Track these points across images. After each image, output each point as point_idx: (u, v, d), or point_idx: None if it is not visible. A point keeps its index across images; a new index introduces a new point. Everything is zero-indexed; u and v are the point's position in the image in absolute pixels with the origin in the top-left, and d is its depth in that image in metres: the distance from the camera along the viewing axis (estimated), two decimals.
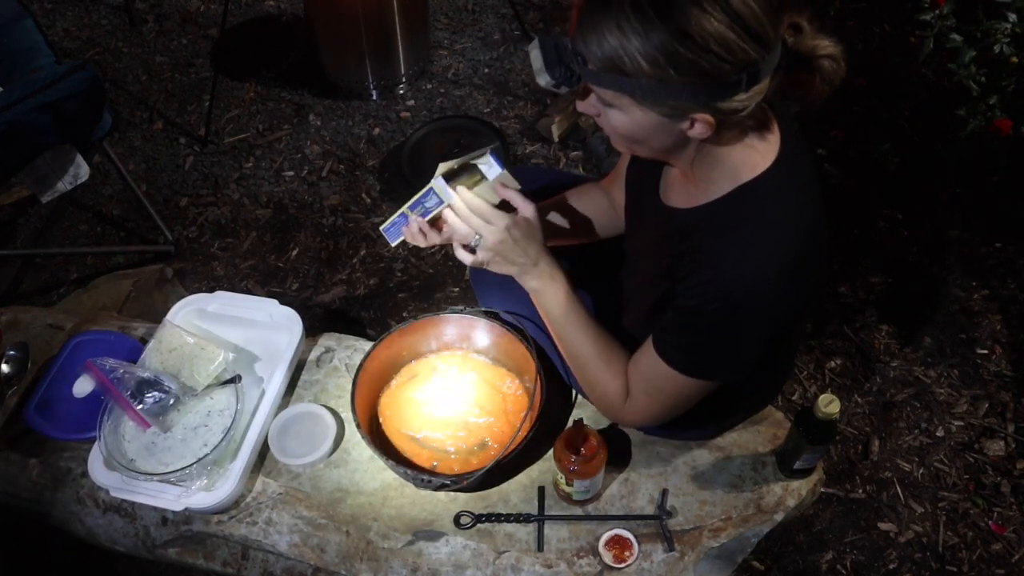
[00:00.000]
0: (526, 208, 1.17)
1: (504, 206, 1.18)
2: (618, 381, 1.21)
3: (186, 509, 1.32)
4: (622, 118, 0.98)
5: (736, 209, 1.04)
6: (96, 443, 1.34)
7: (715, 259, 1.02)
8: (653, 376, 1.15)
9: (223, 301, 1.56)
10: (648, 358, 1.14)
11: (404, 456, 1.37)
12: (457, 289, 2.21)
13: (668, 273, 1.11)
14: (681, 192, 1.13)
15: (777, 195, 1.03)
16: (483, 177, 1.19)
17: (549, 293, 1.20)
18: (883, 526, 1.78)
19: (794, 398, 1.98)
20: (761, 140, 1.04)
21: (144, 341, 1.53)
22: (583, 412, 1.46)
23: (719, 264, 1.01)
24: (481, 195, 1.16)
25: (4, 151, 1.78)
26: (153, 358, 1.43)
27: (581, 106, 1.02)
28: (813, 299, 1.13)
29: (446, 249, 2.28)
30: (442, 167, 1.16)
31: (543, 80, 0.98)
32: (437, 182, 1.15)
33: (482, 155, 1.19)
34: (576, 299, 1.22)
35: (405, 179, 2.41)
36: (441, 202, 1.17)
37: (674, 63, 0.89)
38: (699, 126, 0.96)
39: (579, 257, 1.43)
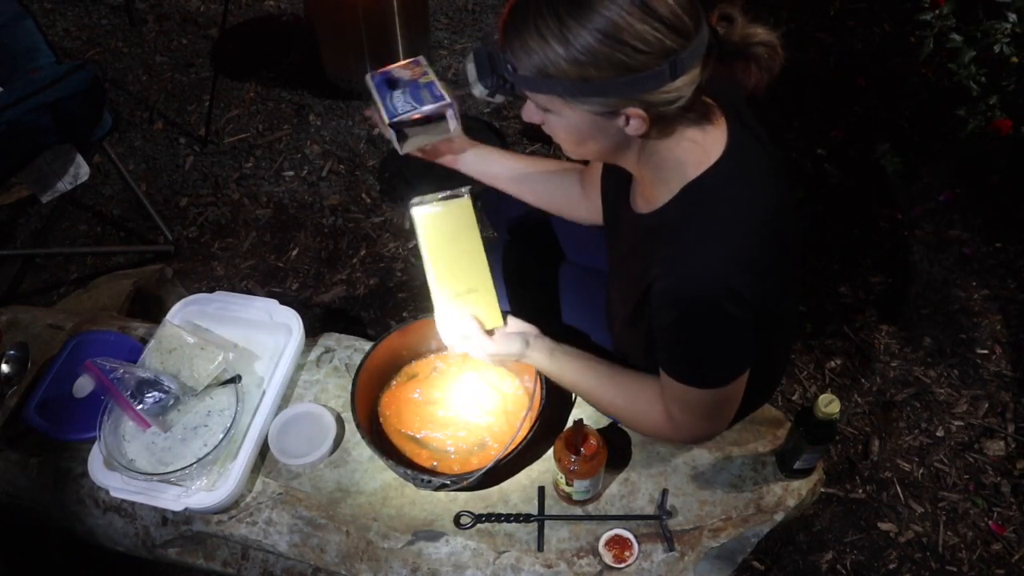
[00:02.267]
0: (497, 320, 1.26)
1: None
2: (655, 409, 1.20)
3: (186, 509, 1.32)
4: (559, 121, 1.00)
5: (686, 209, 1.04)
6: (96, 443, 1.34)
7: (671, 265, 1.02)
8: (678, 396, 1.15)
9: (223, 301, 1.55)
10: (665, 380, 1.15)
11: (404, 456, 1.37)
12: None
13: (639, 282, 1.11)
14: (644, 197, 1.14)
15: (726, 190, 1.02)
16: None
17: (552, 367, 1.26)
18: (883, 526, 1.78)
19: (794, 398, 1.98)
20: (706, 135, 1.04)
21: (144, 341, 1.53)
22: (583, 412, 1.46)
23: (674, 270, 1.02)
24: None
25: (4, 151, 1.78)
26: (153, 358, 1.43)
27: (525, 115, 1.04)
28: (788, 289, 1.13)
29: None
30: (416, 206, 1.25)
31: (477, 90, 1.00)
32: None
33: (459, 196, 1.28)
34: (579, 356, 1.26)
35: (405, 179, 2.41)
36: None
37: (593, 60, 0.91)
38: (634, 121, 0.97)
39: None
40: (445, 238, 1.27)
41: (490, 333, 1.26)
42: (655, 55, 0.91)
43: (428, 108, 1.27)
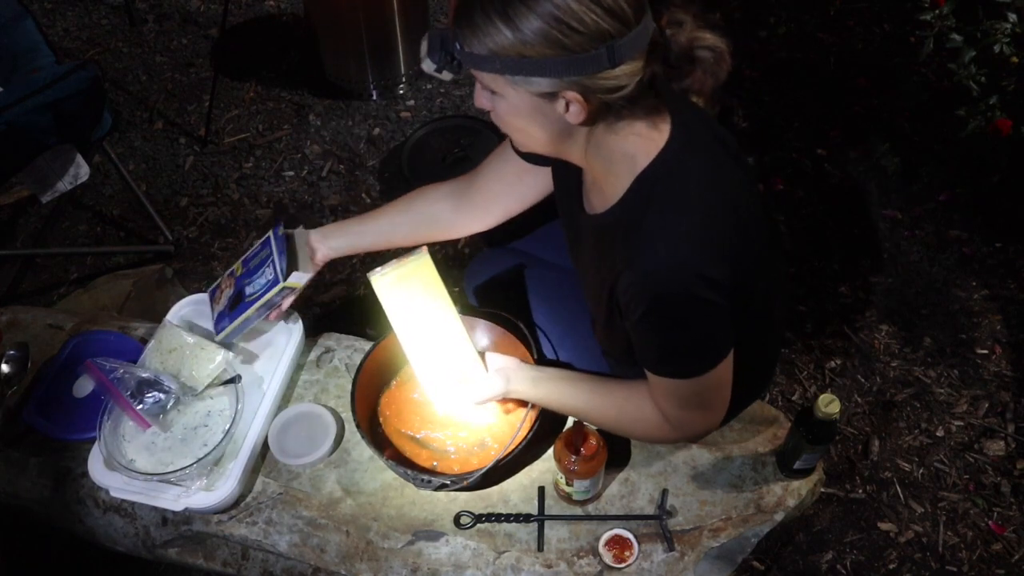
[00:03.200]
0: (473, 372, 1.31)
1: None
2: (647, 411, 1.20)
3: (186, 509, 1.32)
4: (503, 104, 1.02)
5: (640, 201, 1.04)
6: (96, 443, 1.34)
7: (632, 260, 1.03)
8: (666, 391, 1.15)
9: None
10: (651, 378, 1.15)
11: (404, 456, 1.37)
12: (457, 289, 2.20)
13: (604, 282, 1.12)
14: (596, 197, 1.14)
15: (677, 174, 1.03)
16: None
17: (538, 394, 1.30)
18: (883, 526, 1.78)
19: (794, 398, 1.98)
20: (654, 130, 1.04)
21: (144, 341, 1.53)
22: None
23: (634, 265, 1.03)
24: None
25: (4, 151, 1.78)
26: (153, 358, 1.43)
27: (476, 101, 1.06)
28: (760, 269, 1.13)
29: (446, 249, 2.29)
30: (376, 276, 1.28)
31: (426, 66, 1.02)
32: (295, 278, 1.35)
33: (418, 252, 1.31)
34: (563, 377, 1.29)
35: (405, 179, 2.41)
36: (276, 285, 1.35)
37: (532, 39, 0.92)
38: (573, 107, 0.98)
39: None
40: (410, 300, 1.30)
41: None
42: (591, 37, 0.92)
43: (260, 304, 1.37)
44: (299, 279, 1.37)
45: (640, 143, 1.04)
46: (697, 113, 1.10)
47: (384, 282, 1.28)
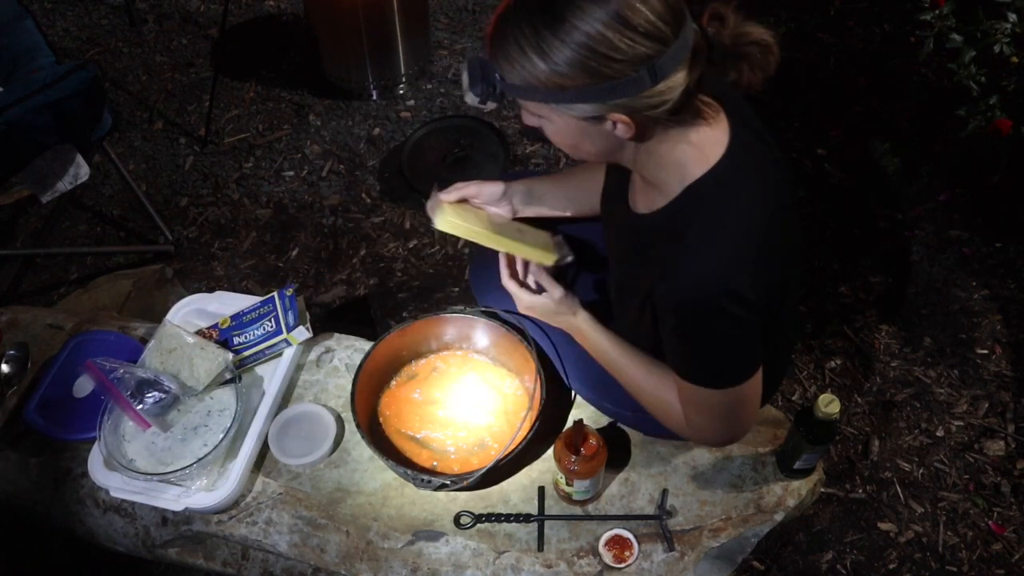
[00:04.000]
0: (554, 290, 1.27)
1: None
2: (672, 402, 1.20)
3: (186, 509, 1.32)
4: (551, 126, 1.03)
5: (686, 211, 1.04)
6: (96, 443, 1.34)
7: (673, 269, 1.03)
8: (691, 397, 1.15)
9: (223, 301, 1.56)
10: (678, 382, 1.15)
11: (404, 456, 1.37)
12: (457, 289, 2.21)
13: (641, 283, 1.11)
14: (643, 197, 1.13)
15: (727, 191, 1.02)
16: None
17: (587, 338, 1.28)
18: (883, 526, 1.78)
19: (794, 398, 1.98)
20: (705, 136, 1.03)
21: (144, 341, 1.53)
22: (583, 412, 1.46)
23: (676, 274, 1.02)
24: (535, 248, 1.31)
25: (4, 151, 1.78)
26: (153, 358, 1.43)
27: (524, 119, 1.06)
28: (788, 290, 1.13)
29: (446, 249, 2.29)
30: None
31: (469, 98, 1.03)
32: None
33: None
34: (614, 337, 1.26)
35: (405, 179, 2.41)
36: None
37: (569, 70, 0.93)
38: (620, 126, 0.98)
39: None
40: (475, 220, 1.33)
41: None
42: (630, 63, 0.91)
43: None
44: (300, 335, 1.46)
45: (691, 152, 1.03)
46: (755, 127, 1.09)
47: (445, 218, 1.30)
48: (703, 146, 1.03)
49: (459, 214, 1.32)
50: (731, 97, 1.08)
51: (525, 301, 1.30)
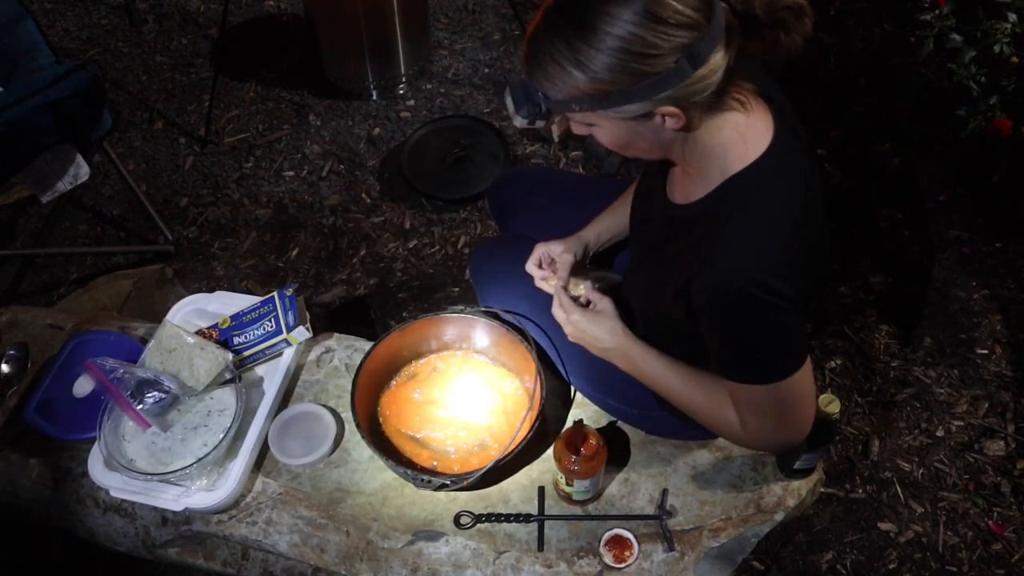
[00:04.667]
0: (601, 303, 1.28)
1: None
2: (726, 409, 1.17)
3: (186, 509, 1.32)
4: (601, 132, 1.04)
5: (725, 204, 1.04)
6: (96, 443, 1.34)
7: (710, 262, 1.02)
8: (740, 397, 1.13)
9: (223, 301, 1.56)
10: (727, 383, 1.13)
11: (404, 456, 1.37)
12: (457, 289, 2.21)
13: (674, 276, 1.10)
14: (682, 187, 1.13)
15: (765, 186, 1.02)
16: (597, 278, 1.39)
17: (632, 362, 1.25)
18: (883, 526, 1.78)
19: None
20: (748, 121, 1.04)
21: (144, 341, 1.53)
22: (583, 412, 1.46)
23: (713, 267, 1.01)
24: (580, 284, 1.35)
25: (4, 151, 1.78)
26: (153, 358, 1.43)
27: (575, 129, 1.07)
28: (814, 287, 1.12)
29: (446, 249, 2.29)
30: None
31: (518, 121, 1.05)
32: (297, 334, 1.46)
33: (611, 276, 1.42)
34: (656, 354, 1.23)
35: (405, 179, 2.41)
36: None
37: (609, 76, 0.94)
38: (669, 120, 0.99)
39: None
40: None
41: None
42: (668, 55, 0.92)
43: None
44: (300, 335, 1.46)
45: (734, 139, 1.03)
46: (792, 123, 1.09)
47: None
48: (746, 137, 1.03)
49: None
50: (776, 95, 1.09)
51: (574, 321, 1.27)
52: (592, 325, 1.26)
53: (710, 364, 1.14)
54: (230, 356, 1.42)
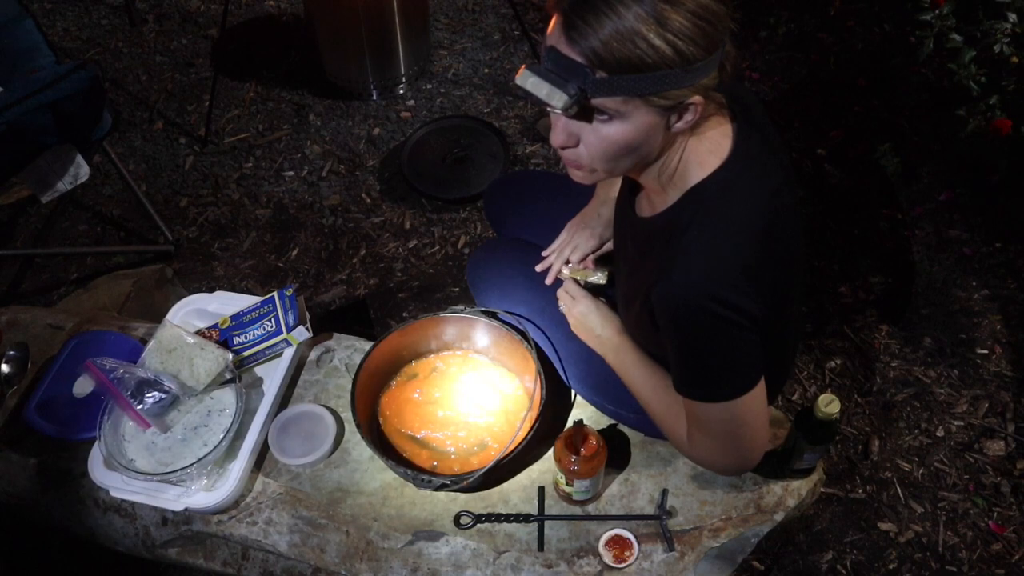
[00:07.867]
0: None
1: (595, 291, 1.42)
2: (680, 420, 1.17)
3: (186, 509, 1.32)
4: (621, 128, 0.94)
5: (687, 214, 1.02)
6: (96, 443, 1.34)
7: (667, 271, 1.00)
8: (691, 413, 1.12)
9: (223, 301, 1.56)
10: (682, 398, 1.12)
11: (404, 456, 1.37)
12: (457, 289, 2.21)
13: (640, 287, 1.10)
14: (648, 202, 1.13)
15: (728, 194, 1.01)
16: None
17: (617, 356, 1.29)
18: (883, 526, 1.78)
19: (794, 398, 1.98)
20: (711, 136, 1.03)
21: (144, 341, 1.53)
22: (583, 412, 1.46)
23: (669, 276, 0.99)
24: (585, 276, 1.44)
25: (4, 151, 1.78)
26: (153, 358, 1.43)
27: (555, 140, 0.98)
28: (790, 297, 1.11)
29: (446, 249, 2.29)
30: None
31: (560, 101, 0.90)
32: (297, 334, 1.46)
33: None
34: (634, 352, 1.26)
35: (405, 179, 2.41)
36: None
37: (688, 41, 0.88)
38: (689, 113, 0.95)
39: None
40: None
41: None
42: (721, 34, 0.91)
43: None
44: (300, 335, 1.46)
45: (698, 152, 1.02)
46: (760, 125, 1.07)
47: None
48: (712, 140, 1.02)
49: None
50: (746, 95, 1.07)
51: (579, 305, 1.34)
52: (592, 312, 1.32)
53: None
54: (230, 356, 1.42)
